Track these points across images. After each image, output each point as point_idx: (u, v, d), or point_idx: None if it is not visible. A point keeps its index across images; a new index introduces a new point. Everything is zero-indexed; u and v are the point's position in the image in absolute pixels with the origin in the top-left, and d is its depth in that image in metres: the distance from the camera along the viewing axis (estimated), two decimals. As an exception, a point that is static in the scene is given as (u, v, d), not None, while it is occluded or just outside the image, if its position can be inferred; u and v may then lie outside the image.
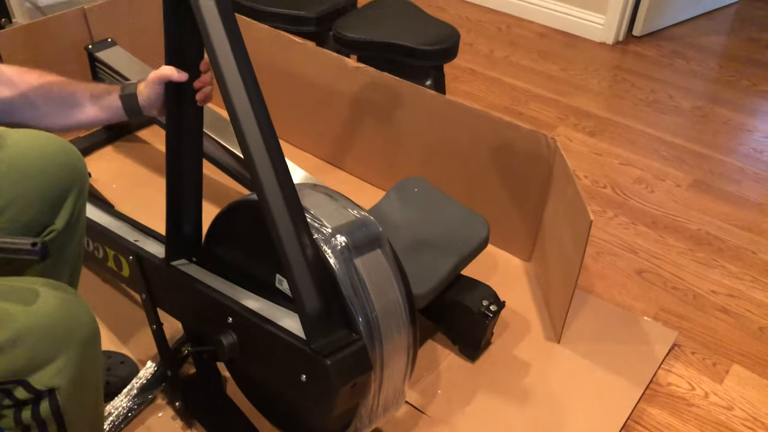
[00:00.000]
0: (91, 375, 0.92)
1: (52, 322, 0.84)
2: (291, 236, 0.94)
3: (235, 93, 0.96)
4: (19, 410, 0.85)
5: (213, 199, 1.81)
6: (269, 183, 0.95)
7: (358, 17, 1.90)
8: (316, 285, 0.96)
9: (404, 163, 1.78)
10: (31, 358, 0.82)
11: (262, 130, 0.96)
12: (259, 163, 0.95)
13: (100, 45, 1.92)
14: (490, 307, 1.36)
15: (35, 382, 0.83)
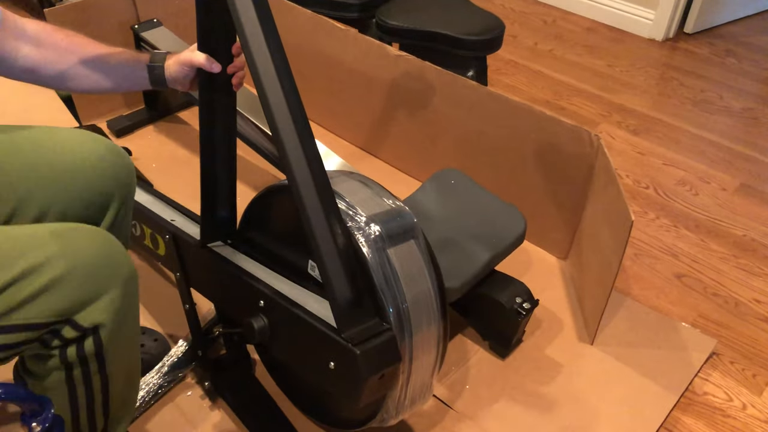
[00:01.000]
0: (130, 316, 0.94)
1: (95, 261, 0.86)
2: (321, 221, 0.93)
3: (267, 79, 0.94)
4: (64, 349, 0.87)
5: (250, 182, 1.82)
6: (299, 167, 0.93)
7: (401, 5, 1.88)
8: (346, 272, 0.95)
9: (441, 154, 1.76)
10: (78, 296, 0.84)
11: (293, 114, 0.94)
12: (290, 147, 0.94)
13: (145, 25, 1.94)
14: (524, 304, 1.33)
15: (81, 320, 0.85)
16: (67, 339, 0.87)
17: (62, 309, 0.84)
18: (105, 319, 0.87)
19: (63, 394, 0.92)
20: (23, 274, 0.81)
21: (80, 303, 0.85)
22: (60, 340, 0.87)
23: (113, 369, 0.94)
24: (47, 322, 0.83)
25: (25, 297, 0.81)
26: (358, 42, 1.81)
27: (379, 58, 1.76)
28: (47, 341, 0.86)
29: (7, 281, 0.80)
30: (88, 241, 0.87)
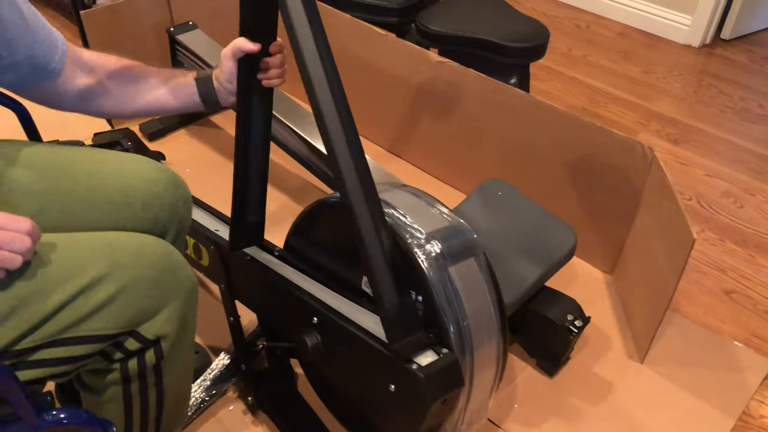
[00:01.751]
0: (190, 327, 0.93)
1: (160, 273, 0.85)
2: (373, 236, 0.91)
3: (318, 84, 0.92)
4: (126, 362, 0.86)
5: (285, 189, 1.80)
6: (351, 179, 0.91)
7: (443, 10, 1.85)
8: (396, 287, 0.92)
9: (483, 163, 1.73)
10: (142, 306, 0.83)
11: (344, 124, 0.93)
12: (341, 157, 0.92)
13: (180, 28, 1.92)
14: (575, 322, 1.30)
15: (145, 331, 0.84)
16: (130, 351, 0.85)
17: (127, 320, 0.82)
18: (168, 330, 0.86)
19: (118, 408, 0.90)
20: (90, 284, 0.79)
21: (145, 313, 0.83)
22: (122, 353, 0.85)
23: (169, 382, 0.92)
24: (113, 333, 0.82)
25: (92, 308, 0.79)
26: (398, 47, 1.77)
27: (420, 63, 1.73)
28: (109, 354, 0.84)
29: (74, 292, 0.78)
30: (150, 251, 0.86)
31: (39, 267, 0.78)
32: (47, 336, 0.77)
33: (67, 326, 0.78)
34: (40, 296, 0.76)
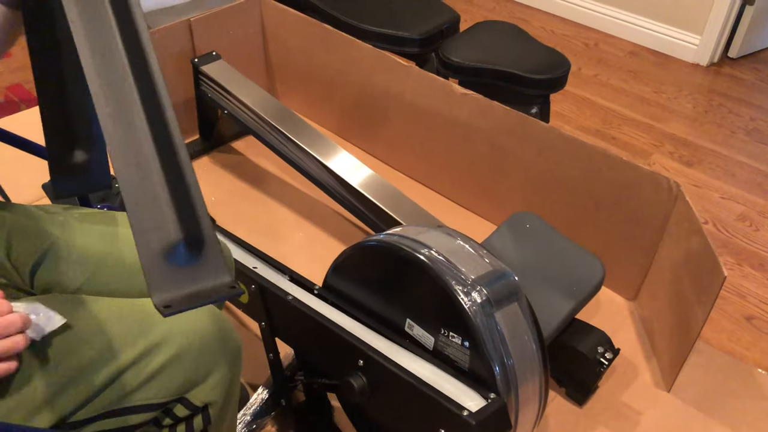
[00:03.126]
0: (235, 392, 0.94)
1: (208, 339, 0.86)
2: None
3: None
4: (174, 427, 0.87)
5: (321, 222, 1.82)
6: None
7: (464, 41, 1.88)
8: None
9: (508, 193, 1.76)
10: (192, 374, 0.84)
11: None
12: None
13: (205, 59, 1.94)
14: (606, 354, 1.33)
15: (193, 399, 0.85)
16: (179, 417, 0.86)
17: (178, 388, 0.83)
18: (215, 397, 0.87)
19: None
20: (144, 353, 0.80)
21: (193, 381, 0.84)
22: (171, 419, 0.86)
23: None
24: (164, 402, 0.83)
25: (145, 377, 0.80)
26: (421, 78, 1.80)
27: (444, 95, 1.76)
28: (159, 420, 0.86)
29: (129, 361, 0.79)
30: (198, 317, 0.86)
31: (93, 337, 0.79)
32: (101, 407, 0.79)
33: (121, 397, 0.79)
34: (94, 367, 0.77)
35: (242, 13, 2.10)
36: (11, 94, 2.40)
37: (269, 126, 1.78)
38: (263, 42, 2.20)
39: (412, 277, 1.06)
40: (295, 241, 1.77)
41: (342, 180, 1.63)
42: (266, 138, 1.82)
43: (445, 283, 1.01)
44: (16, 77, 2.47)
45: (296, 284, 1.26)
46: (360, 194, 1.60)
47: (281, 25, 2.12)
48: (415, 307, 1.08)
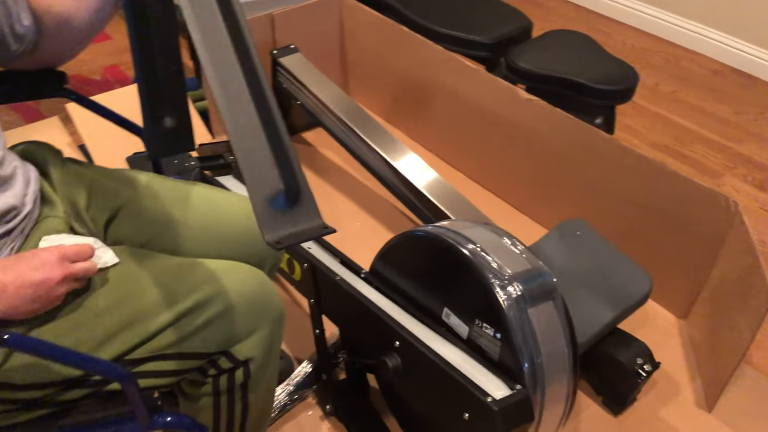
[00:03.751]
0: (275, 352, 1.01)
1: (254, 301, 0.94)
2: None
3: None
4: (218, 378, 0.95)
5: (379, 215, 1.89)
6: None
7: (534, 48, 1.90)
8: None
9: (563, 199, 1.77)
10: (236, 331, 0.92)
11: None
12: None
13: (283, 51, 2.05)
14: (644, 366, 1.33)
15: (236, 353, 0.93)
16: (222, 369, 0.94)
17: (223, 341, 0.91)
18: (256, 354, 0.95)
19: (209, 415, 1.00)
20: (196, 306, 0.89)
21: (237, 337, 0.92)
22: (216, 369, 0.94)
23: (253, 398, 1.01)
24: (210, 352, 0.91)
25: (196, 327, 0.89)
26: (488, 82, 1.84)
27: (509, 100, 1.79)
28: (205, 369, 0.94)
29: (182, 312, 0.88)
30: (247, 280, 0.95)
31: (152, 287, 0.88)
32: (154, 350, 0.88)
33: (172, 343, 0.88)
34: (151, 314, 0.87)
35: (322, 10, 2.20)
36: (108, 74, 2.59)
37: (338, 120, 1.87)
38: (340, 39, 2.29)
39: (453, 268, 1.11)
40: (352, 230, 1.84)
41: (400, 174, 1.69)
42: (334, 131, 1.91)
43: (483, 276, 1.06)
44: (114, 59, 2.67)
45: (345, 267, 1.33)
46: (415, 188, 1.66)
47: (358, 23, 2.20)
48: (453, 297, 1.13)
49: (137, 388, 0.82)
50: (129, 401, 0.82)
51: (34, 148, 1.05)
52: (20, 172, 0.94)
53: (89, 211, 1.00)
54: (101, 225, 1.00)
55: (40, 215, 0.94)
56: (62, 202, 0.99)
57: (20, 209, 0.90)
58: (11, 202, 0.88)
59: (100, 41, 2.78)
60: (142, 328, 0.86)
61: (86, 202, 1.00)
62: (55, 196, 0.99)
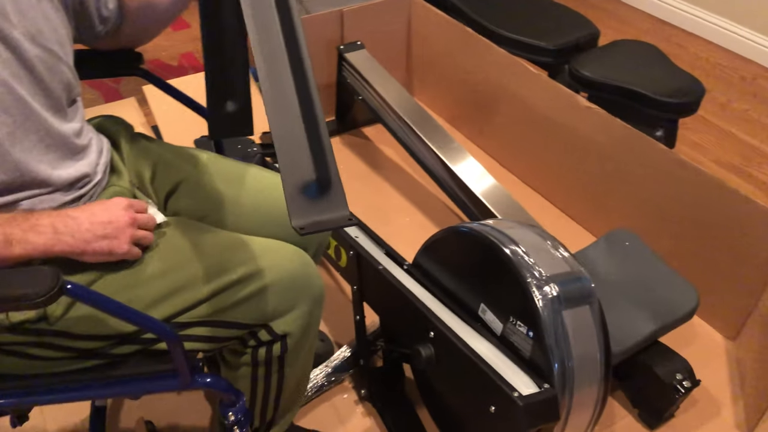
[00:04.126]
0: (313, 330, 1.06)
1: (295, 279, 0.98)
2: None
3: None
4: (257, 349, 1.01)
5: (429, 212, 1.93)
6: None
7: (598, 56, 1.89)
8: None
9: (615, 210, 1.76)
10: (276, 306, 0.97)
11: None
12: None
13: (349, 47, 2.11)
14: (683, 382, 1.31)
15: (276, 327, 0.98)
16: (261, 341, 1.00)
17: (263, 315, 0.96)
18: (294, 330, 1.00)
19: (246, 385, 1.05)
20: (240, 279, 0.94)
21: (277, 312, 0.97)
22: (255, 341, 1.00)
23: (289, 372, 1.06)
24: (251, 323, 0.97)
25: (239, 299, 0.94)
26: (548, 87, 1.84)
27: (568, 106, 1.79)
28: (245, 340, 1.00)
29: (228, 283, 0.94)
30: (291, 259, 1.00)
31: (203, 257, 0.94)
32: (200, 316, 0.93)
33: (218, 311, 0.94)
34: (200, 280, 0.93)
35: (391, 9, 2.24)
36: (184, 60, 2.72)
37: (397, 117, 1.91)
38: (407, 38, 2.33)
39: (493, 265, 1.13)
40: (401, 224, 1.88)
41: (453, 173, 1.72)
42: (393, 127, 1.95)
43: (521, 275, 1.07)
44: (190, 46, 2.79)
45: (389, 257, 1.37)
46: (466, 187, 1.68)
47: (426, 23, 2.24)
48: (490, 294, 1.15)
49: (182, 348, 0.88)
50: (173, 360, 0.88)
51: (108, 122, 1.13)
52: (95, 142, 1.02)
53: (153, 183, 1.08)
54: (162, 196, 1.07)
55: (108, 183, 1.02)
56: (129, 173, 1.07)
57: (92, 177, 0.98)
58: (85, 170, 0.96)
59: (179, 29, 2.92)
60: (190, 294, 0.92)
61: (151, 175, 1.08)
62: (123, 166, 1.07)
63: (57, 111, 0.92)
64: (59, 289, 0.73)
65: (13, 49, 0.84)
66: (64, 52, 0.94)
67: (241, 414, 0.97)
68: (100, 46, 1.13)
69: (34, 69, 0.87)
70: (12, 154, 0.84)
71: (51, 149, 0.90)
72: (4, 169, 0.84)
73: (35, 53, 0.87)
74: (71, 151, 0.94)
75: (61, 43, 0.93)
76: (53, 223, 0.84)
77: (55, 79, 0.91)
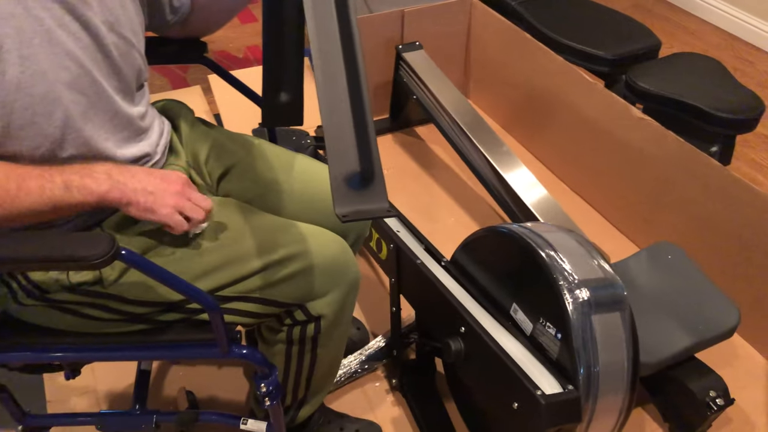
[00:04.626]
0: (346, 314, 1.10)
1: (333, 264, 1.03)
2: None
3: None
4: (292, 328, 1.06)
5: (474, 212, 1.95)
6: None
7: (656, 68, 1.87)
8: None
9: (662, 223, 1.74)
10: (313, 288, 1.01)
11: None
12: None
13: (408, 47, 2.15)
14: (717, 399, 1.30)
15: (311, 308, 1.03)
16: (297, 320, 1.05)
17: (300, 295, 1.01)
18: (328, 312, 1.04)
19: (281, 362, 1.11)
20: (280, 260, 0.99)
21: (313, 294, 1.02)
22: (291, 320, 1.05)
23: (322, 353, 1.11)
24: (288, 302, 1.02)
25: (278, 279, 0.99)
26: (602, 96, 1.84)
27: (621, 117, 1.78)
28: (282, 318, 1.05)
29: (270, 263, 0.99)
30: (331, 245, 1.04)
31: (248, 237, 1.00)
32: (242, 291, 0.99)
33: (258, 288, 0.99)
34: (244, 258, 0.98)
35: (452, 11, 2.27)
36: (249, 52, 2.82)
37: (450, 118, 1.94)
38: (466, 40, 2.35)
39: (527, 266, 1.15)
40: (445, 223, 1.91)
41: (500, 176, 1.74)
42: (445, 128, 1.98)
43: (553, 277, 1.09)
44: (256, 40, 2.89)
45: (428, 253, 1.40)
46: (512, 190, 1.70)
47: (485, 27, 2.25)
48: (522, 294, 1.17)
49: (222, 320, 0.94)
50: (213, 330, 0.94)
51: (171, 105, 1.21)
52: (157, 124, 1.09)
53: (207, 164, 1.14)
54: (215, 178, 1.14)
55: (166, 163, 1.09)
56: (186, 154, 1.14)
57: (152, 156, 1.05)
58: (146, 149, 1.04)
59: (247, 22, 3.02)
60: (234, 270, 0.98)
61: (206, 157, 1.14)
62: (181, 148, 1.14)
63: (126, 94, 1.00)
64: (114, 254, 0.79)
65: (94, 35, 0.92)
66: (137, 40, 1.01)
67: (272, 386, 1.02)
68: (169, 34, 1.20)
69: (109, 54, 0.95)
70: (84, 131, 0.92)
71: (117, 129, 0.98)
72: (76, 145, 0.92)
73: (112, 40, 0.95)
74: (135, 132, 1.02)
75: (134, 32, 1.00)
76: (108, 170, 0.90)
77: (127, 65, 0.98)
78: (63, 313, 0.97)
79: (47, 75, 0.86)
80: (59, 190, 0.86)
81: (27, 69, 0.84)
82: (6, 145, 0.86)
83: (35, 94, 0.85)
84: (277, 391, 1.05)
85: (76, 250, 0.80)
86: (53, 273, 0.94)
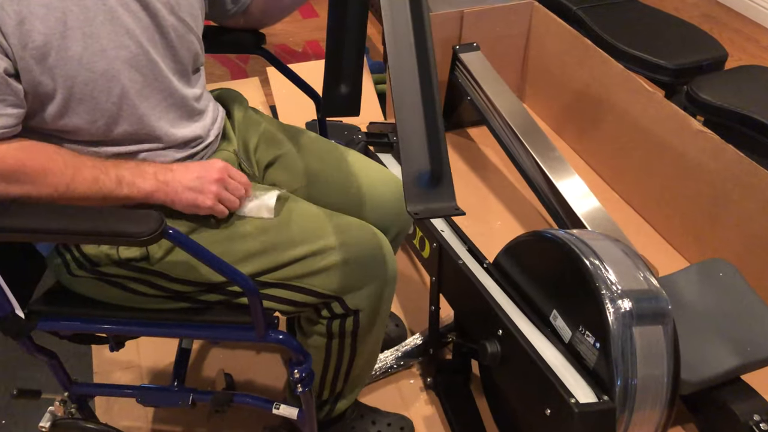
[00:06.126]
0: (384, 309, 1.10)
1: (372, 258, 1.04)
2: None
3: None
4: (331, 321, 1.07)
5: (520, 215, 1.93)
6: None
7: (719, 80, 1.82)
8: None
9: (714, 239, 1.68)
10: (350, 281, 1.02)
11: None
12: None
13: (465, 47, 2.14)
14: (761, 424, 1.25)
15: (348, 301, 1.04)
16: (335, 313, 1.05)
17: (337, 287, 1.02)
18: (365, 306, 1.05)
19: (320, 355, 1.12)
20: (320, 250, 1.01)
21: (350, 287, 1.03)
22: (329, 312, 1.06)
23: (361, 348, 1.12)
24: (325, 293, 1.02)
25: (317, 268, 1.01)
26: (661, 106, 1.79)
27: (680, 128, 1.73)
28: (320, 310, 1.06)
29: (308, 252, 1.00)
30: (370, 239, 1.05)
31: (292, 225, 1.02)
32: (280, 278, 1.00)
33: (297, 276, 1.00)
34: (285, 246, 1.00)
35: (513, 14, 2.25)
36: (308, 47, 2.86)
37: (503, 121, 1.92)
38: (525, 43, 2.33)
39: (569, 273, 1.13)
40: (492, 226, 1.90)
41: (550, 181, 1.71)
42: (497, 131, 1.97)
43: (595, 285, 1.07)
44: (316, 35, 2.93)
45: (470, 254, 1.39)
46: (561, 196, 1.68)
47: (545, 31, 2.23)
48: (563, 300, 1.15)
49: (261, 304, 0.96)
50: (252, 314, 0.96)
51: (227, 93, 1.24)
52: (211, 109, 1.13)
53: (256, 153, 1.17)
54: (262, 166, 1.17)
55: (218, 147, 1.13)
56: (237, 141, 1.17)
57: (204, 139, 1.09)
58: (198, 132, 1.07)
59: (308, 17, 3.07)
60: (275, 256, 1.00)
61: (255, 145, 1.17)
62: (233, 134, 1.17)
63: (182, 76, 1.03)
64: (161, 232, 0.82)
65: (153, 16, 0.95)
66: (196, 24, 1.04)
67: (305, 373, 1.04)
68: (228, 24, 1.24)
69: (167, 36, 0.98)
70: (139, 109, 0.96)
71: (172, 109, 1.01)
72: (131, 122, 0.95)
73: (171, 22, 0.98)
74: (189, 113, 1.05)
75: (193, 16, 1.04)
76: (155, 172, 0.95)
77: (184, 47, 1.02)
78: (111, 287, 1.00)
79: (107, 52, 0.90)
80: (112, 183, 0.91)
81: (89, 46, 0.88)
82: (66, 117, 0.90)
83: (96, 70, 0.89)
84: (310, 378, 1.06)
85: (126, 227, 0.83)
86: (104, 247, 0.98)
